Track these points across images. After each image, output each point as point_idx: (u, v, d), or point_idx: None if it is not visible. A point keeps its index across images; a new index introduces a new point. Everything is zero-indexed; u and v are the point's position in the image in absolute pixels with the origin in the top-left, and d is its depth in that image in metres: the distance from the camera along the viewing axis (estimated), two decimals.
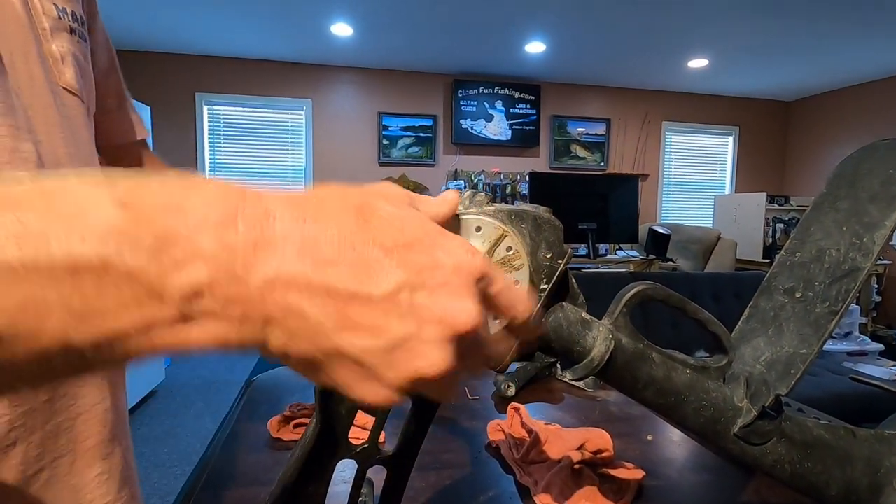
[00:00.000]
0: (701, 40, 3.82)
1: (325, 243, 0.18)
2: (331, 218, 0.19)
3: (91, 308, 0.15)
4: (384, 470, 0.33)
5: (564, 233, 0.31)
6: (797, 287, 0.34)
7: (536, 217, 0.30)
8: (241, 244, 0.17)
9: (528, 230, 0.29)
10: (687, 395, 0.33)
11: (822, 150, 5.20)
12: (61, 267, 0.15)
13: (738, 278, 2.33)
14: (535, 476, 0.57)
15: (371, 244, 0.18)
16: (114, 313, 0.16)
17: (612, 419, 0.78)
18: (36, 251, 0.15)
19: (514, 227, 0.29)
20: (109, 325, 0.16)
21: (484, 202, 0.29)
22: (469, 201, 0.29)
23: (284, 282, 0.17)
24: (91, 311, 0.15)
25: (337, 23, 3.58)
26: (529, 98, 4.83)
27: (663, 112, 5.25)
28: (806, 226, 0.34)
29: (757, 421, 0.33)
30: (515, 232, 0.29)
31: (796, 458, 0.34)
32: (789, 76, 4.66)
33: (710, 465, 0.63)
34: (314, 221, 0.18)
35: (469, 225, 0.28)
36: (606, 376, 0.33)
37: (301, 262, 0.17)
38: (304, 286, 0.17)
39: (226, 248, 0.17)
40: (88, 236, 0.15)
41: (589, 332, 0.32)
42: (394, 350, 0.18)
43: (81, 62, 0.42)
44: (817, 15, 3.27)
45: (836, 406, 1.69)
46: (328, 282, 0.18)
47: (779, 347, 0.33)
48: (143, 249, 0.16)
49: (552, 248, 0.30)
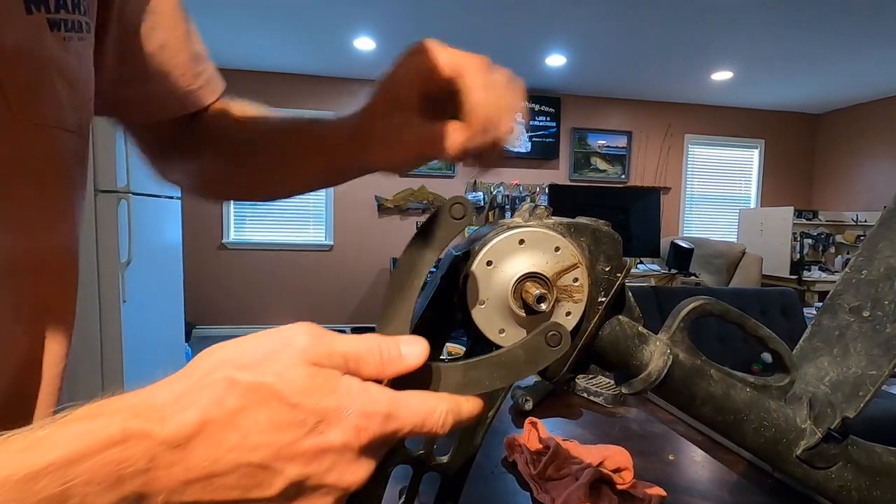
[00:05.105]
0: (725, 52, 3.78)
1: (213, 468, 0.19)
2: (216, 441, 0.19)
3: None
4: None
5: None
6: (864, 305, 0.32)
7: (595, 230, 0.30)
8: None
9: (587, 243, 0.29)
10: (747, 413, 0.32)
11: (853, 163, 5.06)
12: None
13: (765, 294, 2.27)
14: (552, 493, 0.56)
15: (255, 450, 0.19)
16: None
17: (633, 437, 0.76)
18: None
19: (572, 240, 0.29)
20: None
21: (543, 215, 0.29)
22: (529, 214, 0.29)
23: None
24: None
25: (360, 37, 3.65)
26: (549, 110, 4.83)
27: (686, 124, 5.19)
28: (873, 242, 0.33)
29: (822, 444, 0.32)
30: (582, 258, 0.29)
31: (864, 486, 0.32)
32: (818, 88, 4.57)
33: (735, 489, 0.61)
34: (199, 450, 0.19)
35: (548, 242, 0.28)
36: (663, 392, 0.32)
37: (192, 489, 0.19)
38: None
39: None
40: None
41: (646, 347, 0.31)
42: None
43: (71, 71, 0.31)
44: (845, 26, 3.21)
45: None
46: (220, 498, 0.19)
47: (845, 368, 0.32)
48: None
49: (611, 261, 0.30)
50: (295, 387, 0.19)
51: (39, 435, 0.17)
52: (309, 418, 0.19)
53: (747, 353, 2.06)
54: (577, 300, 0.29)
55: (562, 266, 0.28)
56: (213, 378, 0.19)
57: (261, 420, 0.19)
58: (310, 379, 0.20)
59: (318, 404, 0.20)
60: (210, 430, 0.19)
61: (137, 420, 0.18)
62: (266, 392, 0.19)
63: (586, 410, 0.86)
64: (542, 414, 0.80)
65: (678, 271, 3.26)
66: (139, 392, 0.19)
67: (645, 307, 0.30)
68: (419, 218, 4.79)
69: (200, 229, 4.42)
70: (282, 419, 0.19)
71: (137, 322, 2.38)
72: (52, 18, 0.28)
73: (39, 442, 0.17)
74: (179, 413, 0.18)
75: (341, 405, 0.20)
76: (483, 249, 0.27)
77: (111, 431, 0.17)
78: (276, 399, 0.19)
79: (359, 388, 0.21)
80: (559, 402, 0.89)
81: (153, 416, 0.18)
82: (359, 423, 0.20)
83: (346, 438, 0.20)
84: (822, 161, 5.41)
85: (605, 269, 0.30)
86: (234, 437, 0.19)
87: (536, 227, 0.28)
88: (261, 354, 0.20)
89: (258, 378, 0.19)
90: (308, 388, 0.20)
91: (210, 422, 0.19)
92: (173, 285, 2.86)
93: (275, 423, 0.19)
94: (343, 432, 0.20)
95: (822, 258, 4.87)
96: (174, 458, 0.18)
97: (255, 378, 0.19)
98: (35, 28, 0.27)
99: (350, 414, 0.20)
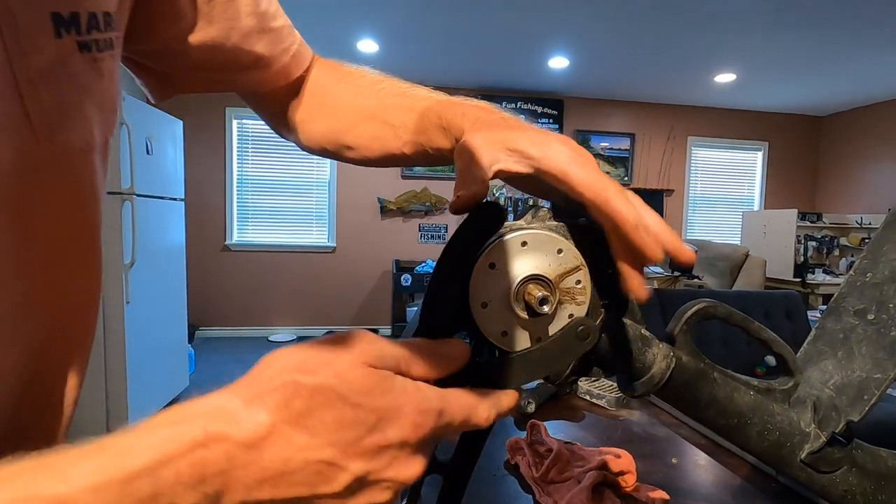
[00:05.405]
0: (728, 54, 3.78)
1: (283, 468, 0.20)
2: (284, 439, 0.20)
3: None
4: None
5: None
6: (869, 308, 0.32)
7: (598, 232, 0.29)
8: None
9: (590, 245, 0.29)
10: (750, 416, 0.32)
11: (857, 166, 5.04)
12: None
13: (768, 297, 2.26)
14: (554, 496, 0.55)
15: (322, 448, 0.20)
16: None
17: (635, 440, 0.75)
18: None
19: (575, 242, 0.29)
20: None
21: (546, 217, 0.29)
22: (531, 216, 0.29)
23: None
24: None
25: (363, 39, 3.67)
26: (552, 113, 4.83)
27: (689, 127, 5.18)
28: (878, 245, 0.33)
29: (826, 448, 0.32)
30: (585, 261, 0.29)
31: (869, 490, 0.32)
32: (821, 90, 4.56)
33: (739, 492, 0.61)
34: (268, 451, 0.20)
35: (551, 244, 0.28)
36: (666, 395, 0.32)
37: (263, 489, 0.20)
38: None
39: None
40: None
41: (649, 349, 0.31)
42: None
43: (101, 92, 0.30)
44: (849, 28, 3.21)
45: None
46: (290, 494, 0.20)
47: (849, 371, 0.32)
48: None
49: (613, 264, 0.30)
50: (355, 387, 0.21)
51: (130, 440, 0.19)
52: (370, 417, 0.21)
53: (751, 356, 2.05)
54: (580, 302, 0.29)
55: (564, 268, 0.28)
56: (279, 382, 0.20)
57: (326, 420, 0.20)
58: (367, 379, 0.21)
59: (377, 403, 0.21)
60: (280, 432, 0.20)
61: (216, 423, 0.19)
62: (329, 393, 0.20)
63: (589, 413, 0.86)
64: (544, 416, 0.80)
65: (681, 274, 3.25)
66: (212, 397, 0.21)
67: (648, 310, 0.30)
68: (422, 220, 4.80)
69: (204, 231, 4.43)
70: (345, 418, 0.20)
71: (141, 323, 2.39)
72: (82, 41, 0.27)
73: (132, 447, 0.18)
74: (252, 416, 0.20)
75: (398, 403, 0.21)
76: (485, 252, 0.27)
77: (194, 435, 0.19)
78: (339, 400, 0.20)
79: (412, 387, 0.22)
80: (562, 405, 0.89)
81: (229, 419, 0.20)
82: (415, 419, 0.21)
83: (404, 435, 0.21)
84: (825, 163, 5.39)
85: (607, 271, 0.29)
86: (302, 436, 0.20)
87: (539, 229, 0.28)
88: (321, 359, 0.21)
89: (321, 380, 0.20)
90: (367, 389, 0.21)
91: (280, 423, 0.20)
92: (176, 287, 2.87)
93: (339, 422, 0.20)
94: (401, 429, 0.21)
95: (826, 261, 4.85)
96: (250, 458, 0.19)
97: (318, 381, 0.20)
98: (64, 51, 0.26)
99: (407, 411, 0.21)
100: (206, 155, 4.43)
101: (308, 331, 4.69)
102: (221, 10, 0.38)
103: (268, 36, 0.42)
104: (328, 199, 4.70)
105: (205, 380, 3.31)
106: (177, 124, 2.86)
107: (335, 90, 0.48)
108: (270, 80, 0.45)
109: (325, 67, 0.50)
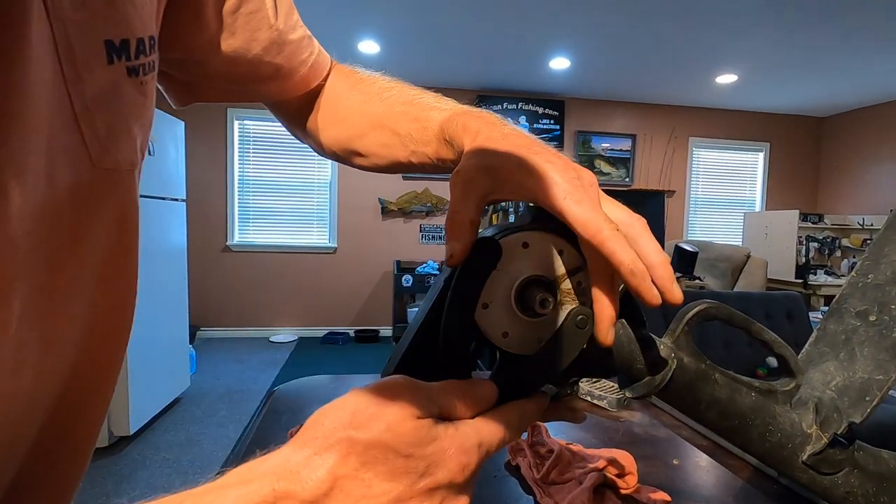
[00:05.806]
0: (730, 55, 3.78)
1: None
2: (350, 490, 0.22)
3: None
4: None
5: None
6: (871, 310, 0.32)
7: None
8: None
9: None
10: (752, 418, 0.32)
11: (859, 167, 5.03)
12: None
13: (770, 298, 2.26)
14: (555, 497, 0.55)
15: (378, 498, 0.22)
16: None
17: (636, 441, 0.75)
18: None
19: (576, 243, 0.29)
20: None
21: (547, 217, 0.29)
22: (532, 217, 0.29)
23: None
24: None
25: (364, 40, 3.67)
26: (553, 114, 4.83)
27: (690, 127, 5.18)
28: (880, 246, 0.33)
29: (828, 449, 0.31)
30: (585, 261, 0.28)
31: (871, 492, 0.32)
32: (823, 92, 4.56)
33: (740, 494, 0.61)
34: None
35: (552, 245, 0.28)
36: (667, 396, 0.32)
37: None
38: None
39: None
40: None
41: (650, 351, 0.31)
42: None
43: (145, 113, 0.32)
44: (850, 29, 3.20)
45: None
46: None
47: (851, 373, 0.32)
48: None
49: None
50: (405, 440, 0.23)
51: (208, 500, 0.21)
52: (420, 465, 0.23)
53: (752, 357, 2.05)
54: (581, 303, 0.29)
55: (566, 269, 0.28)
56: (334, 439, 0.22)
57: (381, 472, 0.22)
58: (417, 432, 0.23)
59: (426, 451, 0.23)
60: (340, 486, 0.22)
61: (282, 482, 0.21)
62: (382, 447, 0.22)
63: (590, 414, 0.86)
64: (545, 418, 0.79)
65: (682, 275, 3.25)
66: (274, 455, 0.23)
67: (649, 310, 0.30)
68: (422, 220, 4.80)
69: (205, 231, 4.44)
70: (398, 469, 0.22)
71: (142, 324, 2.38)
72: (130, 66, 0.28)
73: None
74: (313, 473, 0.22)
75: (443, 447, 0.23)
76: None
77: (264, 494, 0.21)
78: (391, 452, 0.22)
79: (453, 430, 0.24)
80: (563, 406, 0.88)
81: (293, 478, 0.21)
82: (460, 459, 0.24)
83: (452, 476, 0.23)
84: (827, 164, 5.38)
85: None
86: (360, 489, 0.22)
87: (540, 230, 0.28)
88: (371, 412, 0.23)
89: (374, 436, 0.22)
90: (417, 440, 0.23)
91: (339, 479, 0.22)
92: (177, 287, 2.87)
93: (392, 472, 0.22)
94: (449, 471, 0.23)
95: (827, 262, 4.85)
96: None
97: (371, 436, 0.22)
98: (115, 77, 0.27)
99: (452, 454, 0.23)
100: (208, 156, 4.44)
101: (309, 331, 4.69)
102: (244, 22, 0.39)
103: (287, 48, 0.43)
104: (329, 200, 4.70)
105: (206, 381, 3.31)
106: (178, 125, 2.87)
107: (347, 98, 0.48)
108: (289, 90, 0.47)
109: (341, 75, 0.51)
